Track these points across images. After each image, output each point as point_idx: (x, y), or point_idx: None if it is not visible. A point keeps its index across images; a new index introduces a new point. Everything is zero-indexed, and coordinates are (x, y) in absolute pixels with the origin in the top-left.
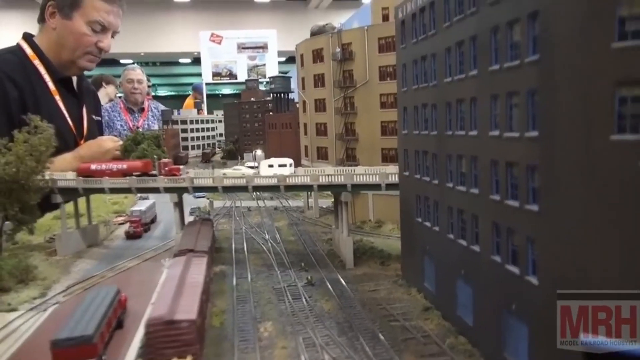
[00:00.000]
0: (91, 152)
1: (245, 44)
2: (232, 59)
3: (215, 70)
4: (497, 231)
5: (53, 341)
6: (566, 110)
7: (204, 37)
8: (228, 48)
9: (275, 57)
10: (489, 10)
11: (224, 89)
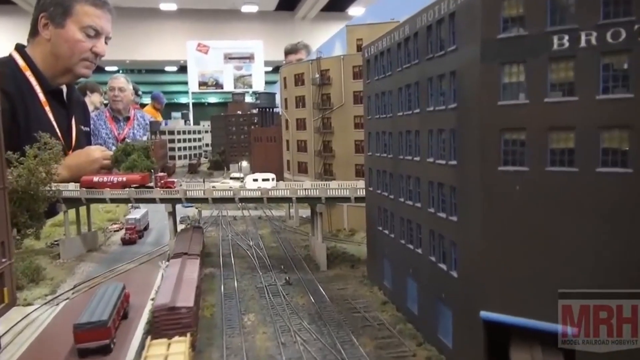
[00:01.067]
0: (79, 162)
1: (231, 54)
2: (219, 68)
3: (201, 79)
4: (432, 237)
5: (75, 324)
6: (471, 146)
7: (191, 46)
8: (214, 58)
9: (261, 68)
10: (426, 64)
11: (209, 98)
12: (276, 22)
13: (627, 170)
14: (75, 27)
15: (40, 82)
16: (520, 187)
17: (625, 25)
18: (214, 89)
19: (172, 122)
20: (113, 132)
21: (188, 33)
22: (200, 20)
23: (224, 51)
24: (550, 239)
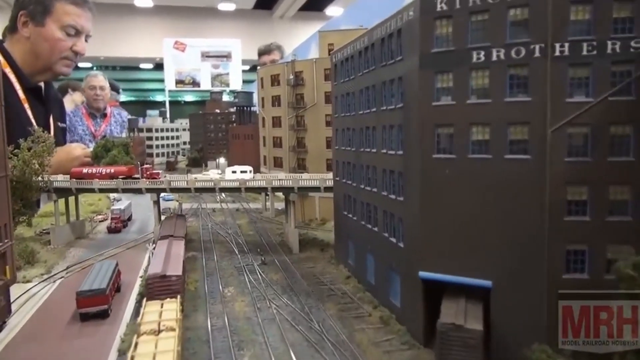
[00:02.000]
0: (59, 160)
1: (209, 53)
2: (196, 67)
3: (178, 77)
4: (385, 216)
5: (78, 292)
6: (413, 139)
7: (168, 44)
8: (192, 56)
9: (239, 66)
10: (380, 70)
11: (186, 96)
12: (254, 21)
13: (527, 156)
14: (56, 25)
15: (19, 79)
16: (449, 171)
17: (524, 44)
18: (191, 87)
19: (149, 119)
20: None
21: (164, 30)
22: (177, 18)
23: (201, 49)
24: (471, 212)
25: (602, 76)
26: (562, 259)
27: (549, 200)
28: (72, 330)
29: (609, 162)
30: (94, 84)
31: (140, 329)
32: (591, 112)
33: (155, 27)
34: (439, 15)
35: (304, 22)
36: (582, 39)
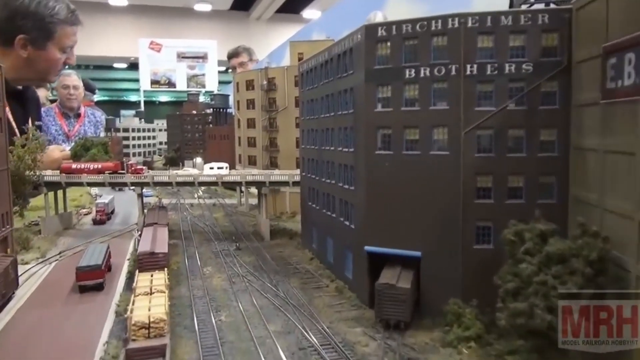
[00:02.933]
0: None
1: (185, 53)
2: (172, 67)
3: (153, 77)
4: (341, 203)
5: (77, 267)
6: (360, 138)
7: (143, 44)
8: (167, 56)
9: (215, 68)
10: (337, 81)
11: (161, 97)
12: (230, 22)
13: (447, 152)
14: (56, 48)
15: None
16: (388, 164)
17: (444, 65)
18: (166, 88)
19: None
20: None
21: (139, 30)
22: (153, 17)
23: (177, 50)
24: (405, 197)
25: (502, 91)
26: (473, 233)
27: (462, 187)
28: (73, 299)
29: (508, 157)
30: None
31: (135, 291)
32: (494, 118)
33: (130, 26)
34: (380, 39)
35: (281, 24)
36: (486, 62)
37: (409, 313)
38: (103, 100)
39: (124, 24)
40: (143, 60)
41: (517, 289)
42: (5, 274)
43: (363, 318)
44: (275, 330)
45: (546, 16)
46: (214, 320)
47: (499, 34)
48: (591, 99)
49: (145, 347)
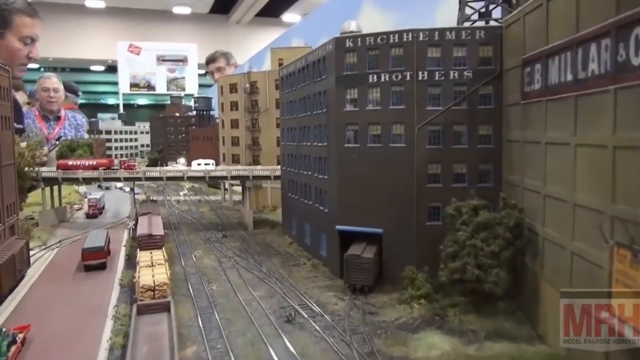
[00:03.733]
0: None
1: (164, 57)
2: (151, 70)
3: (133, 80)
4: (317, 191)
5: (83, 248)
6: (332, 134)
7: (122, 47)
8: (147, 59)
9: (195, 71)
10: (313, 84)
11: (139, 100)
12: (210, 26)
13: (403, 145)
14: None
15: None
16: (355, 156)
17: (400, 71)
18: (146, 91)
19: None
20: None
21: (118, 32)
22: (131, 20)
23: (157, 53)
24: (369, 183)
25: (448, 93)
26: (425, 212)
27: (416, 174)
28: (80, 276)
29: (453, 149)
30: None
31: (139, 264)
32: (441, 116)
33: (108, 29)
34: (348, 49)
35: (261, 27)
36: (435, 69)
37: (372, 279)
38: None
39: (101, 27)
40: (122, 63)
41: (455, 252)
42: (21, 253)
43: (334, 286)
44: (260, 295)
45: (482, 32)
46: (206, 289)
47: (445, 46)
48: (515, 100)
49: (153, 303)
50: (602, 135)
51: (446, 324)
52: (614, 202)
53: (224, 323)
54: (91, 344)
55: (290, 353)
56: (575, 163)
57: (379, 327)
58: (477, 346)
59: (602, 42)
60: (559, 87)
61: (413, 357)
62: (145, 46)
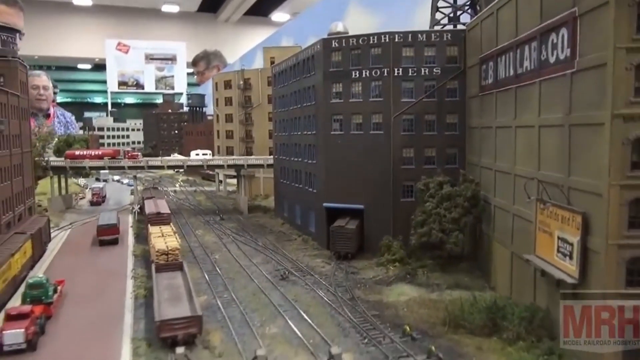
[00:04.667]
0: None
1: (153, 55)
2: (140, 68)
3: (121, 79)
4: (307, 175)
5: (98, 225)
6: (320, 123)
7: (110, 45)
8: (135, 57)
9: (184, 69)
10: (303, 80)
11: (126, 99)
12: (198, 24)
13: (381, 132)
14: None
15: None
16: (340, 142)
17: (379, 68)
18: (134, 89)
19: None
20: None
21: (105, 30)
22: (119, 18)
23: (145, 51)
24: (352, 166)
25: (419, 87)
26: (400, 190)
27: (392, 157)
28: (96, 249)
29: (424, 135)
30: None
31: (151, 235)
32: (414, 107)
33: (95, 26)
34: (334, 49)
35: (249, 26)
36: (408, 67)
37: (354, 247)
38: (66, 102)
39: (88, 24)
40: (110, 62)
41: (423, 220)
42: (45, 227)
43: (322, 255)
44: (257, 262)
45: (449, 35)
46: (210, 257)
47: (417, 47)
48: (474, 93)
49: (168, 263)
50: (531, 117)
51: (415, 279)
52: (539, 170)
53: (227, 281)
54: (118, 294)
55: (285, 299)
56: (515, 142)
57: (359, 282)
58: (439, 293)
59: (532, 44)
60: (505, 80)
61: (385, 301)
62: (133, 44)
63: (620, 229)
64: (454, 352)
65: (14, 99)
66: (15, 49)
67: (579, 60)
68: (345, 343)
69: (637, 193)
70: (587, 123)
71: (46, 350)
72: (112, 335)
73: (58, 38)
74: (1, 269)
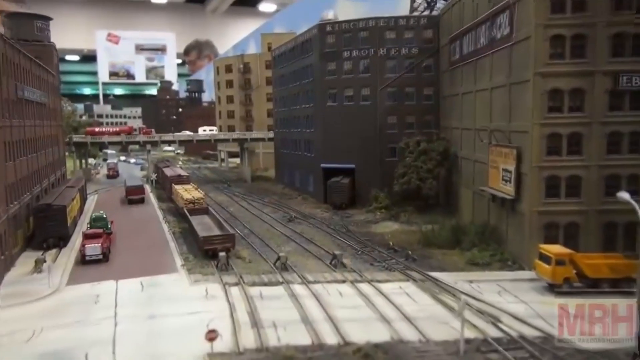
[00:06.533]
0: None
1: (143, 45)
2: (130, 59)
3: (112, 69)
4: (305, 143)
5: (127, 186)
6: (317, 96)
7: (101, 35)
8: (125, 48)
9: (174, 59)
10: (301, 60)
11: (116, 90)
12: (187, 15)
13: (369, 102)
14: None
15: None
16: (335, 112)
17: (366, 49)
18: (125, 80)
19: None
20: None
21: (94, 21)
22: (108, 9)
23: (135, 42)
24: (345, 132)
25: (401, 64)
26: (386, 152)
27: (379, 123)
28: (126, 207)
29: (405, 104)
30: None
31: (177, 190)
32: (397, 81)
33: (83, 17)
34: (328, 32)
35: (237, 17)
36: (391, 47)
37: (347, 198)
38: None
39: (77, 15)
40: (101, 52)
41: (403, 172)
42: (84, 186)
43: (320, 207)
44: (267, 211)
45: (425, 19)
46: (226, 209)
47: (398, 30)
48: (446, 68)
49: (197, 209)
50: (486, 82)
51: (398, 220)
52: (491, 122)
53: (244, 223)
54: (158, 232)
55: (294, 232)
56: (475, 103)
57: (352, 222)
58: (416, 227)
59: (486, 24)
60: (467, 55)
61: (374, 232)
62: (124, 35)
63: (541, 155)
64: (425, 257)
65: (50, 77)
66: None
67: (515, 35)
68: (344, 254)
69: (552, 129)
70: (520, 81)
71: (117, 262)
72: (164, 252)
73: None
74: (71, 204)
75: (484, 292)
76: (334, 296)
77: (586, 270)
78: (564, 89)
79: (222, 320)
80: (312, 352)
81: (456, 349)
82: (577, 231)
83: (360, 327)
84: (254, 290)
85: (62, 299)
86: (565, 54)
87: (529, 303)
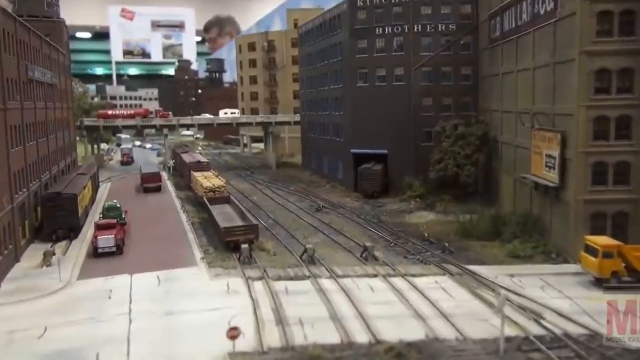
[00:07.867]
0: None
1: (160, 22)
2: (146, 37)
3: (126, 48)
4: (334, 127)
5: (142, 173)
6: (347, 76)
7: (114, 11)
8: (141, 25)
9: (193, 37)
10: (330, 37)
11: (130, 70)
12: None
13: (403, 83)
14: None
15: None
16: (366, 93)
17: (400, 25)
18: (140, 59)
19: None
20: None
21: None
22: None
23: (151, 18)
24: (376, 115)
25: (437, 42)
26: (421, 136)
27: (413, 106)
28: (142, 195)
29: (442, 85)
30: None
31: (197, 178)
32: (433, 60)
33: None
34: (359, 8)
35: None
36: (427, 23)
37: (379, 186)
38: None
39: None
40: (114, 29)
41: (440, 158)
42: (97, 173)
43: (350, 195)
44: (292, 200)
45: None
46: (249, 198)
47: (434, 5)
48: (485, 45)
49: (217, 197)
50: (528, 61)
51: (434, 209)
52: (533, 104)
53: (269, 213)
54: (176, 222)
55: (322, 223)
56: (517, 84)
57: (384, 212)
58: (453, 217)
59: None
60: (508, 32)
61: (407, 222)
62: (139, 11)
63: (587, 140)
64: (463, 249)
65: (61, 56)
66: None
67: (560, 11)
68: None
69: (599, 112)
70: (565, 60)
71: (131, 255)
72: (182, 244)
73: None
74: (82, 192)
75: (526, 287)
76: (364, 291)
77: (636, 263)
78: (611, 69)
79: (244, 317)
80: (341, 352)
81: (496, 347)
82: (626, 221)
83: (392, 325)
84: (278, 285)
85: (72, 294)
86: (614, 31)
87: (574, 298)
